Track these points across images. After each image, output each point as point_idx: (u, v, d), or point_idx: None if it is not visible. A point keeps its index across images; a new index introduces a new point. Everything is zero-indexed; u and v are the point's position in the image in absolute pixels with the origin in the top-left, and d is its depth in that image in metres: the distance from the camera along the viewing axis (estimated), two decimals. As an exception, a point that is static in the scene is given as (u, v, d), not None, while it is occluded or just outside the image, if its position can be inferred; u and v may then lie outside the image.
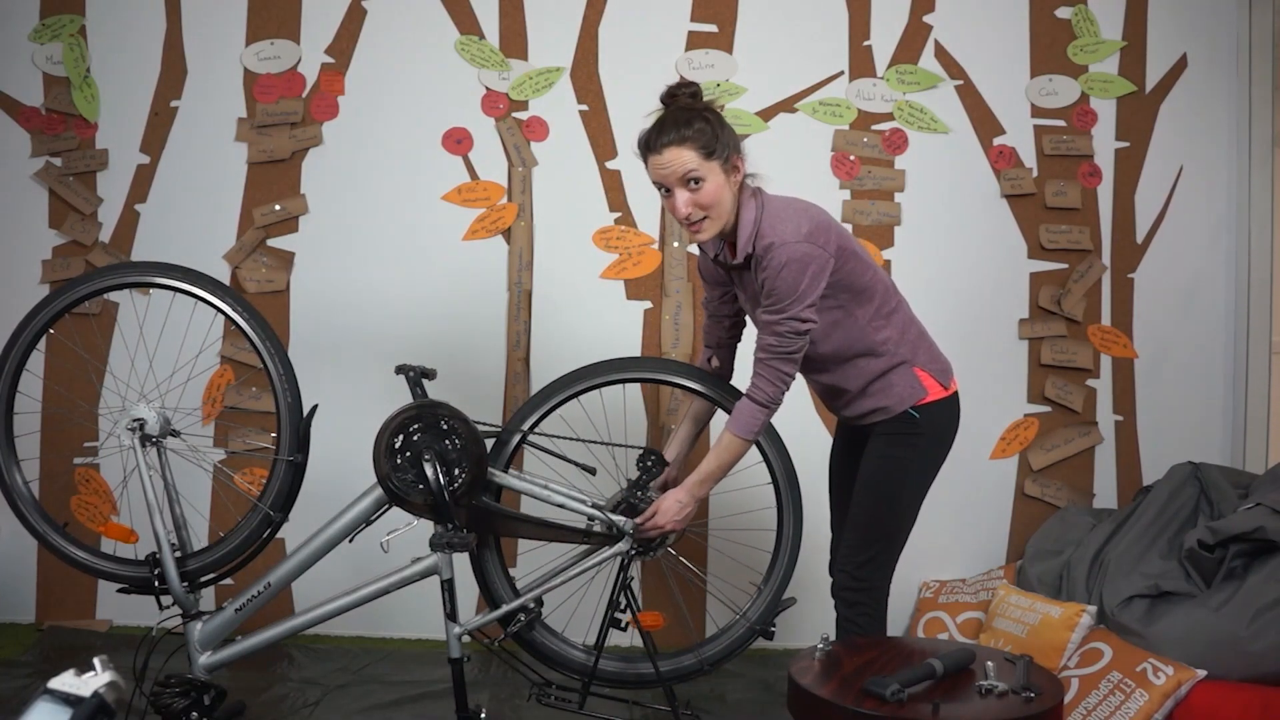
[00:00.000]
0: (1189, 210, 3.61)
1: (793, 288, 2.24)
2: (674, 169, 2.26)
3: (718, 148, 2.27)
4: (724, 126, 2.30)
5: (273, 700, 2.92)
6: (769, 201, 2.34)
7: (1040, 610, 3.01)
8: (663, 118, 2.31)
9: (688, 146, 2.25)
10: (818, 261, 2.25)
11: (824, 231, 2.28)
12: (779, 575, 2.65)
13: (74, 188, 3.45)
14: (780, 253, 2.24)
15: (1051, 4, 3.56)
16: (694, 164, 2.25)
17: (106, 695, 1.26)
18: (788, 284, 2.24)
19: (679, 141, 2.25)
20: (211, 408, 3.44)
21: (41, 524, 2.65)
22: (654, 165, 2.29)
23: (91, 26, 3.46)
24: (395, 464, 2.48)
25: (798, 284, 2.24)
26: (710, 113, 2.31)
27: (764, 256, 2.27)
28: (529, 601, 2.58)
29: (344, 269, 3.46)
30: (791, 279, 2.24)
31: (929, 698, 1.85)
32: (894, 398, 2.40)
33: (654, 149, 2.29)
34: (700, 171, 2.25)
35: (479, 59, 3.47)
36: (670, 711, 2.58)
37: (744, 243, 2.31)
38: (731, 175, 2.31)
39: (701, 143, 2.26)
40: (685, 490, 2.45)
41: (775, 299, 2.26)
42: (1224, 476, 3.17)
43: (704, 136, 2.26)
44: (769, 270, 2.25)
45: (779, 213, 2.30)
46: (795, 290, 2.24)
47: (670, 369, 2.71)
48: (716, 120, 2.30)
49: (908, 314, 2.47)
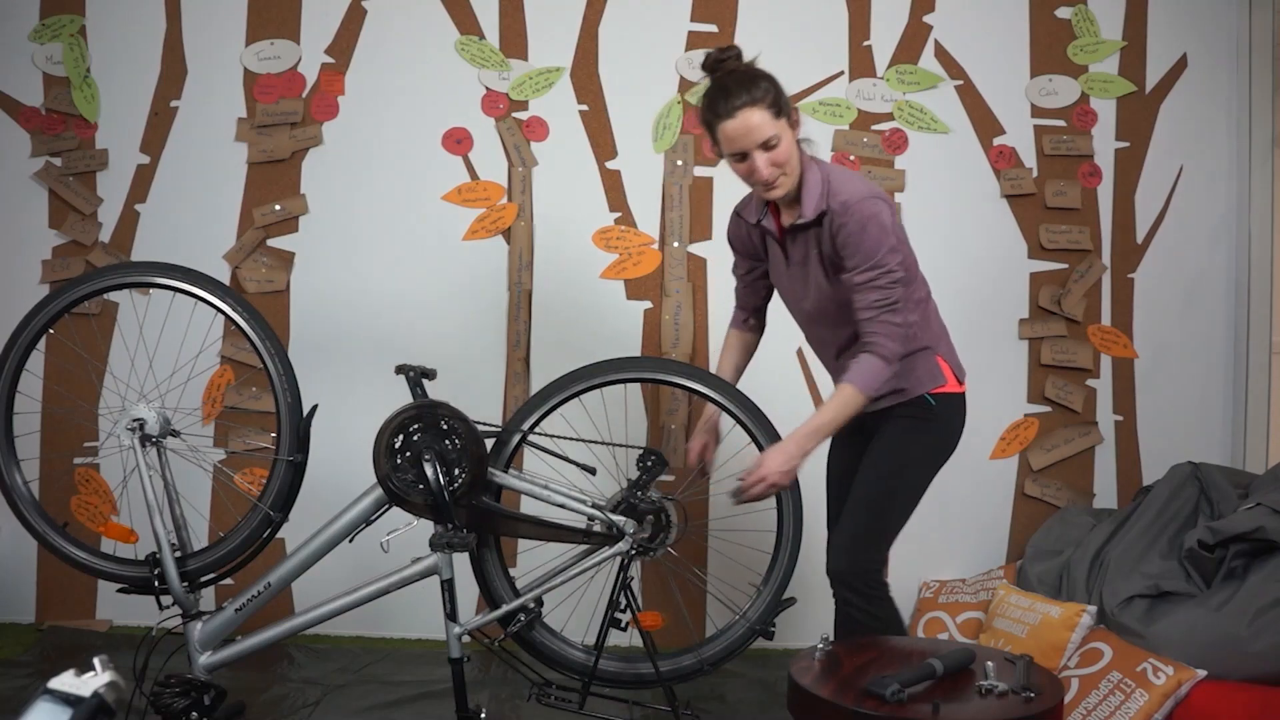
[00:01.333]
0: (1189, 210, 3.61)
1: (879, 240, 2.26)
2: (752, 133, 2.24)
3: (783, 104, 2.28)
4: (775, 85, 2.29)
5: (273, 700, 2.92)
6: (823, 163, 2.37)
7: (1040, 610, 3.01)
8: (724, 84, 2.28)
9: (760, 107, 2.24)
10: (890, 212, 2.29)
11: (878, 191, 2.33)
12: (779, 575, 2.65)
13: (74, 188, 3.45)
14: (861, 208, 2.25)
15: (1051, 4, 3.56)
16: (769, 125, 2.25)
17: (106, 695, 1.26)
18: (874, 238, 2.25)
19: (751, 103, 2.23)
20: (211, 408, 3.44)
21: (41, 524, 2.65)
22: (728, 132, 2.26)
23: (91, 26, 3.46)
24: (395, 464, 2.48)
25: (882, 236, 2.26)
26: (763, 72, 2.30)
27: (841, 214, 2.27)
28: (529, 601, 2.58)
29: (344, 269, 3.46)
30: (876, 232, 2.25)
31: (929, 698, 1.85)
32: (912, 380, 2.40)
33: (726, 114, 2.25)
34: (774, 130, 2.25)
35: (479, 59, 3.47)
36: (670, 711, 2.58)
37: (815, 202, 2.30)
38: (795, 131, 2.32)
39: (769, 100, 2.25)
40: (794, 443, 2.33)
41: (864, 254, 2.26)
42: (1224, 476, 3.17)
43: (771, 94, 2.26)
44: (850, 228, 2.26)
45: (842, 173, 2.34)
46: (882, 242, 2.26)
47: (670, 369, 2.71)
48: (771, 77, 2.29)
49: (934, 306, 2.51)
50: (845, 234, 2.27)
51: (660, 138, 3.48)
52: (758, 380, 2.83)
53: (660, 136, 3.48)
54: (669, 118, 3.48)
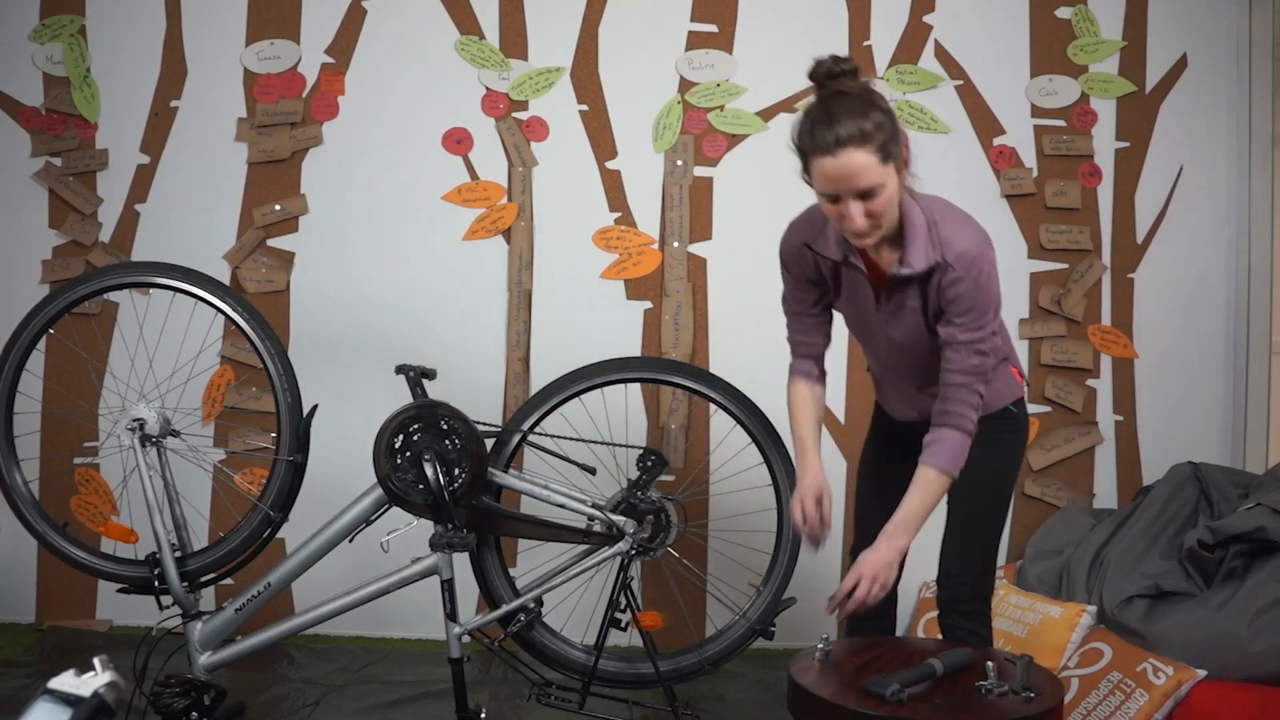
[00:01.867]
0: (1189, 210, 3.61)
1: (990, 297, 2.05)
2: (853, 179, 1.93)
3: (894, 146, 1.96)
4: (895, 120, 1.97)
5: (273, 700, 2.92)
6: (923, 199, 2.10)
7: (1040, 610, 3.01)
8: (830, 108, 1.94)
9: (867, 149, 1.91)
10: (995, 267, 2.07)
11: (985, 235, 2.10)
12: (779, 575, 2.66)
13: (74, 188, 3.44)
14: (979, 263, 2.02)
15: (1051, 4, 3.56)
16: (874, 171, 1.93)
17: (106, 695, 1.26)
18: (989, 295, 2.04)
19: (859, 140, 1.91)
20: (211, 408, 3.44)
21: (41, 524, 2.65)
22: (824, 170, 1.94)
23: (91, 26, 3.46)
24: (395, 464, 2.48)
25: (993, 291, 2.06)
26: (881, 100, 1.97)
27: (956, 267, 2.02)
28: (529, 601, 2.58)
29: (344, 269, 3.46)
30: (992, 289, 2.05)
31: (929, 698, 1.85)
32: (993, 395, 2.23)
33: (825, 149, 1.93)
34: (879, 178, 1.94)
35: (479, 59, 3.47)
36: (670, 711, 2.58)
37: (924, 251, 2.04)
38: (904, 174, 2.03)
39: (880, 142, 1.92)
40: (885, 540, 2.11)
41: (976, 313, 2.04)
42: (1224, 476, 3.17)
43: (884, 134, 1.93)
44: (967, 283, 2.02)
45: (947, 213, 2.08)
46: (992, 298, 2.06)
47: (670, 369, 2.71)
48: (888, 109, 1.97)
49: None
50: (958, 289, 2.03)
51: (660, 138, 3.48)
52: (758, 380, 2.82)
53: (660, 136, 3.48)
54: (669, 118, 3.48)
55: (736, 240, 3.49)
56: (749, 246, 3.47)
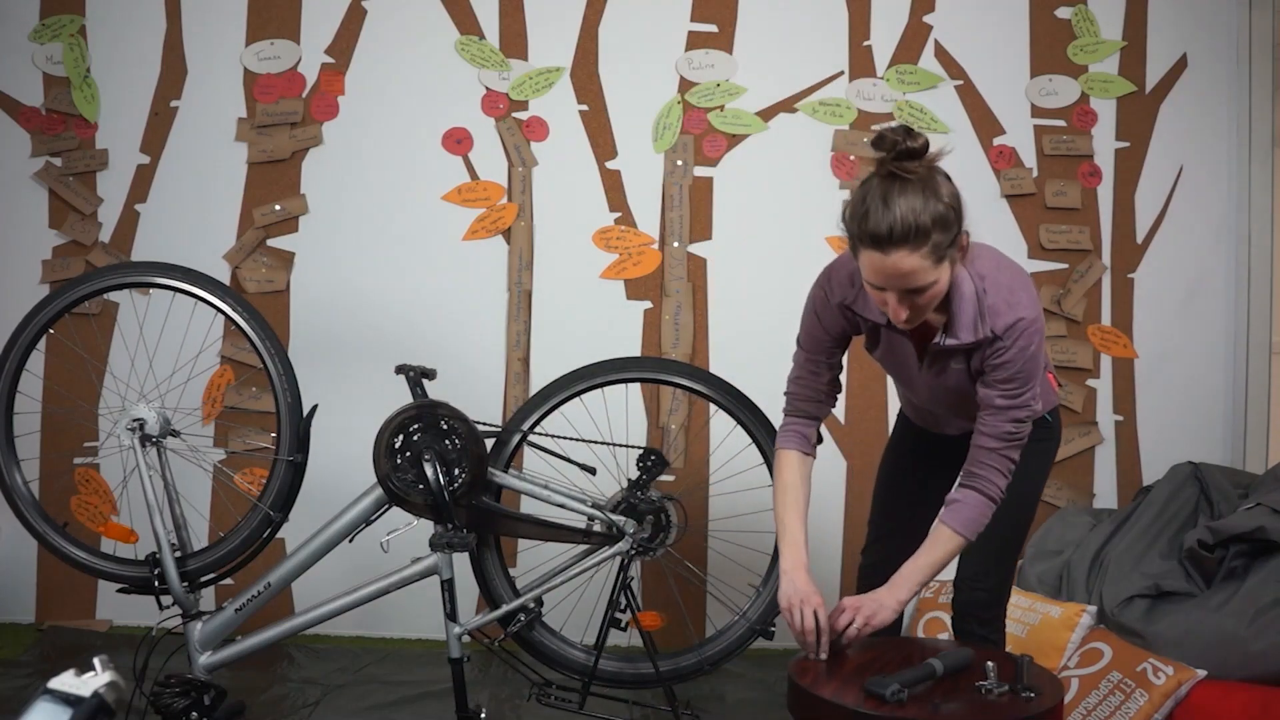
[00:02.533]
0: (1189, 210, 3.61)
1: (1035, 367, 1.97)
2: (901, 280, 1.83)
3: (949, 247, 1.84)
4: (959, 202, 1.85)
5: (273, 700, 2.92)
6: (975, 262, 1.97)
7: (1040, 610, 3.01)
8: (889, 196, 1.80)
9: (922, 251, 1.80)
10: (1043, 334, 1.99)
11: (1034, 296, 2.00)
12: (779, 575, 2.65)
13: (74, 188, 3.45)
14: (1029, 334, 1.92)
15: (1051, 4, 3.56)
16: (925, 273, 1.82)
17: (106, 695, 1.26)
18: (1032, 364, 1.96)
19: (914, 243, 1.79)
20: (211, 408, 3.44)
21: (41, 524, 2.65)
22: (872, 264, 1.84)
23: (91, 26, 3.46)
24: (395, 464, 2.48)
25: (1039, 361, 1.98)
26: (946, 186, 1.84)
27: (1005, 339, 1.93)
28: (529, 601, 2.58)
29: (344, 269, 3.46)
30: (1037, 356, 1.97)
31: (929, 698, 1.85)
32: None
33: (876, 243, 1.81)
34: (930, 278, 1.84)
35: (479, 59, 3.47)
36: (670, 711, 2.58)
37: (970, 324, 1.94)
38: (958, 263, 1.92)
39: (935, 243, 1.80)
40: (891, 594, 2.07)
41: (1019, 382, 1.96)
42: (1224, 476, 3.17)
43: (941, 232, 1.80)
44: (1013, 352, 1.93)
45: (1000, 279, 1.96)
46: (1037, 370, 1.98)
47: (670, 369, 2.71)
48: (953, 198, 1.84)
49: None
50: (1005, 358, 1.95)
51: (660, 138, 3.48)
52: (758, 380, 2.82)
53: (660, 136, 3.48)
54: (669, 118, 3.48)
55: (736, 240, 3.49)
56: (749, 246, 3.48)
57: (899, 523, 2.37)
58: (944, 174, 1.87)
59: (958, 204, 1.85)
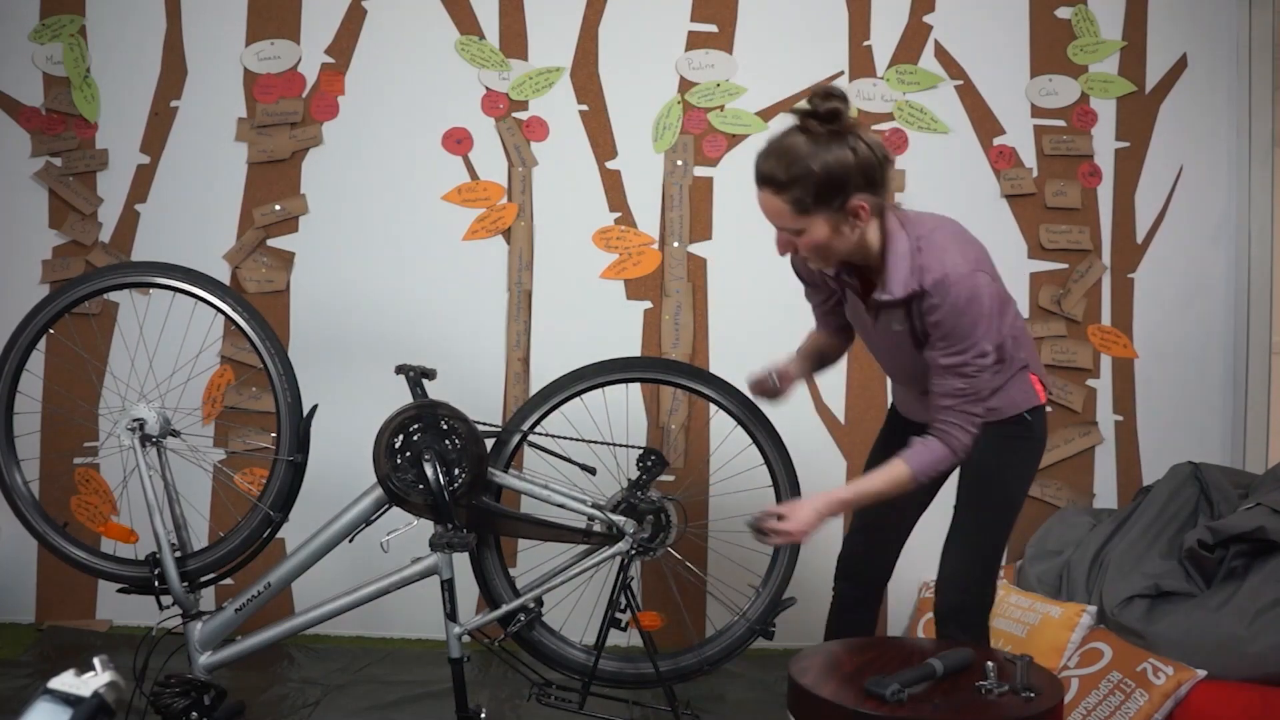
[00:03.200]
0: (1189, 210, 3.61)
1: (974, 324, 2.02)
2: (769, 217, 2.06)
3: (813, 203, 1.99)
4: (835, 176, 1.98)
5: (273, 700, 2.92)
6: (914, 223, 2.09)
7: (1040, 610, 3.01)
8: (777, 139, 2.04)
9: (781, 199, 2.01)
10: (990, 290, 2.04)
11: (988, 258, 2.10)
12: (779, 575, 2.66)
13: (74, 188, 3.45)
14: (958, 288, 2.00)
15: (1051, 4, 3.56)
16: (788, 218, 2.02)
17: (106, 695, 1.26)
18: (970, 321, 2.01)
19: (774, 187, 2.01)
20: (211, 408, 3.44)
21: (41, 524, 2.65)
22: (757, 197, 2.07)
23: (91, 26, 3.46)
24: (395, 464, 2.48)
25: (978, 319, 2.02)
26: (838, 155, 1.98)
27: (934, 294, 2.01)
28: (529, 601, 2.58)
29: (344, 269, 3.46)
30: (974, 315, 2.01)
31: (929, 698, 1.85)
32: (1007, 402, 2.23)
33: (756, 178, 2.06)
34: (796, 225, 2.02)
35: (479, 59, 3.47)
36: (670, 711, 2.58)
37: (903, 280, 2.04)
38: (848, 221, 2.02)
39: (793, 198, 2.00)
40: (826, 503, 2.13)
41: (954, 339, 2.03)
42: (1224, 476, 3.17)
43: (798, 191, 1.99)
44: (944, 309, 2.01)
45: (938, 238, 2.06)
46: (978, 326, 2.02)
47: (670, 369, 2.71)
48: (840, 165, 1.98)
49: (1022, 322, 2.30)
50: (938, 315, 2.03)
51: (660, 138, 3.48)
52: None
53: (660, 136, 3.48)
54: (669, 118, 3.48)
55: (736, 240, 3.49)
56: (749, 246, 3.47)
57: (877, 514, 2.37)
58: (862, 142, 1.99)
59: (842, 171, 1.98)
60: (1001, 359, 2.12)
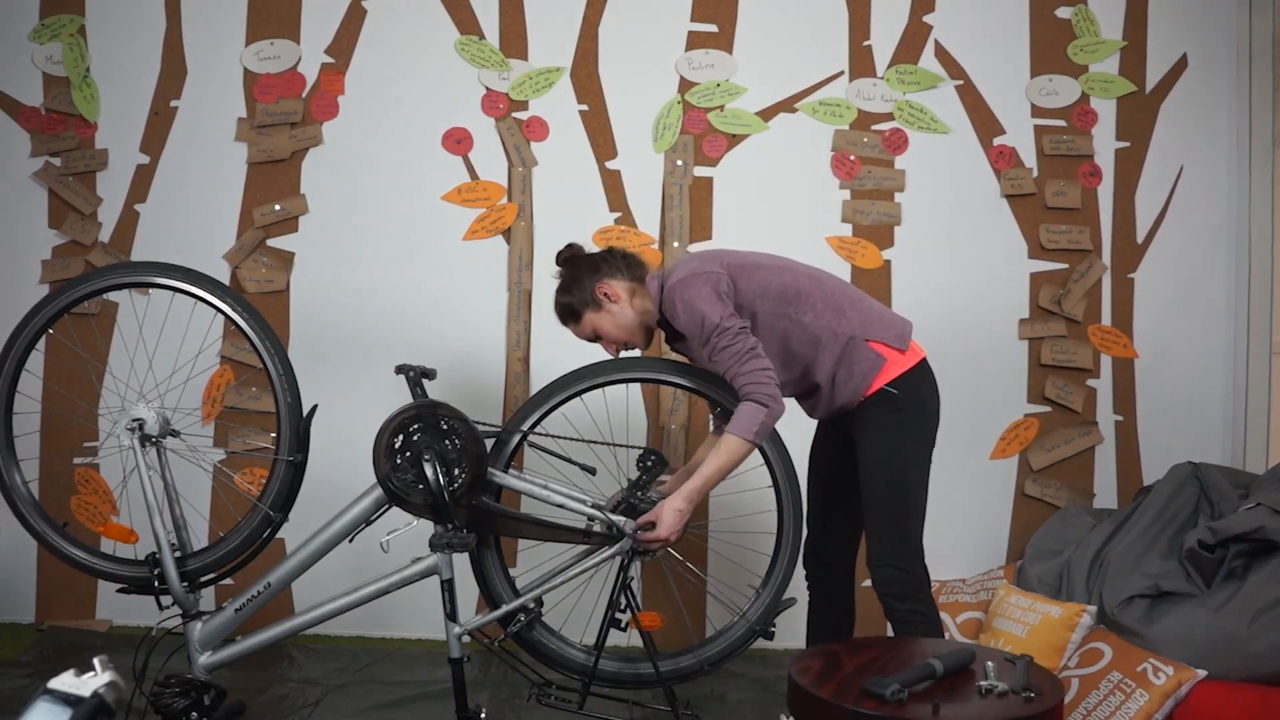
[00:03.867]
0: (1189, 210, 3.61)
1: (699, 310, 2.37)
2: (584, 338, 2.58)
3: (575, 310, 2.53)
4: (577, 284, 2.52)
5: (273, 700, 2.92)
6: (673, 271, 2.48)
7: (1040, 610, 3.01)
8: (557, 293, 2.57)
9: (569, 325, 2.56)
10: (708, 279, 2.40)
11: (708, 259, 2.47)
12: (779, 576, 2.65)
13: (74, 188, 3.44)
14: (676, 294, 2.41)
15: (1051, 4, 3.56)
16: (581, 331, 2.55)
17: (106, 695, 1.26)
18: (696, 310, 2.38)
19: (565, 322, 2.57)
20: (211, 408, 3.44)
21: (41, 524, 2.65)
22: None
23: (91, 26, 3.46)
24: (395, 464, 2.48)
25: (701, 308, 2.37)
26: (566, 277, 2.55)
27: (668, 308, 2.45)
28: (529, 601, 2.58)
29: (344, 269, 3.46)
30: (696, 305, 2.38)
31: (929, 698, 1.85)
32: (857, 377, 2.43)
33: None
34: (587, 329, 2.54)
35: (479, 59, 3.47)
36: (670, 711, 2.58)
37: (663, 312, 2.49)
38: (609, 305, 2.51)
39: (569, 315, 2.55)
40: (682, 498, 2.44)
41: (694, 329, 2.40)
42: (1224, 476, 3.17)
43: (566, 311, 2.55)
44: (679, 316, 2.41)
45: (678, 271, 2.46)
46: (704, 313, 2.37)
47: (670, 369, 2.70)
48: (567, 285, 2.54)
49: (845, 294, 2.50)
50: (679, 323, 2.43)
51: (660, 138, 3.48)
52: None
53: (660, 136, 3.48)
54: (669, 118, 3.48)
55: (736, 240, 3.48)
56: (748, 246, 3.45)
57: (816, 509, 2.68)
58: (579, 265, 2.55)
59: (575, 285, 2.53)
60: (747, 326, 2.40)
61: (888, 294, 3.52)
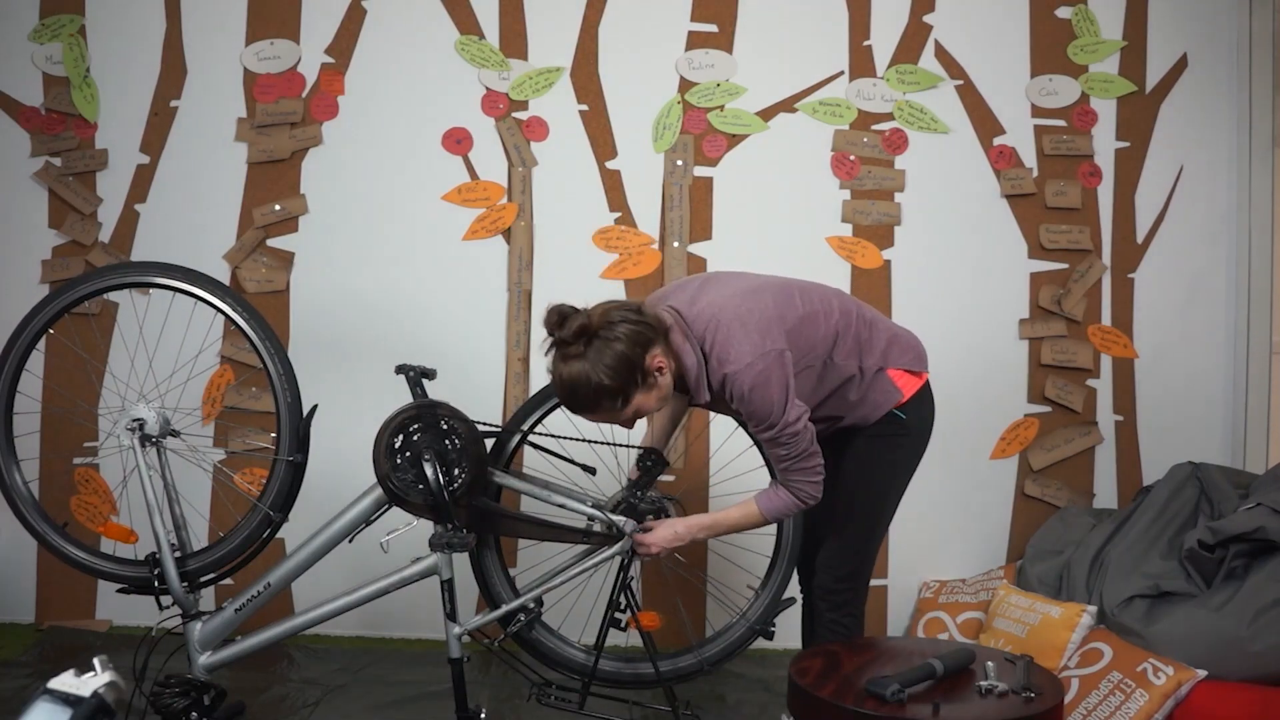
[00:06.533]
0: (1189, 210, 3.61)
1: (768, 403, 2.20)
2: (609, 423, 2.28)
3: (623, 394, 2.18)
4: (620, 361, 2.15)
5: (273, 700, 2.92)
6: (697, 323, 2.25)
7: (1040, 610, 3.01)
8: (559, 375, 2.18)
9: (601, 414, 2.22)
10: (778, 368, 2.20)
11: (768, 331, 2.22)
12: (779, 576, 2.65)
13: (74, 188, 3.44)
14: (740, 380, 2.19)
15: (1051, 4, 3.56)
16: (617, 417, 2.23)
17: (106, 695, 1.26)
18: (763, 402, 2.20)
19: (590, 415, 2.23)
20: (211, 408, 3.44)
21: (41, 524, 2.65)
22: None
23: (91, 26, 3.46)
24: (395, 464, 2.48)
25: (770, 398, 2.20)
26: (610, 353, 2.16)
27: (731, 385, 2.21)
28: (529, 601, 2.58)
29: (344, 269, 3.46)
30: (763, 397, 2.19)
31: (929, 698, 1.86)
32: (869, 407, 2.40)
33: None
34: (625, 415, 2.23)
35: (479, 59, 3.47)
36: (670, 711, 2.58)
37: (700, 388, 2.26)
38: (660, 379, 2.23)
39: (604, 407, 2.19)
40: (687, 527, 2.43)
41: (758, 419, 2.23)
42: (1224, 476, 3.17)
43: (609, 399, 2.17)
44: (738, 400, 2.22)
45: (720, 339, 2.22)
46: (771, 404, 2.20)
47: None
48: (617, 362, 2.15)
49: (864, 318, 2.41)
50: (737, 404, 2.24)
51: (660, 138, 3.48)
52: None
53: (660, 136, 3.48)
54: (669, 118, 3.48)
55: (736, 240, 3.49)
56: (749, 246, 3.47)
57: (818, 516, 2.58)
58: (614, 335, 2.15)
59: (623, 364, 2.15)
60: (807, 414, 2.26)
61: (888, 294, 3.52)
